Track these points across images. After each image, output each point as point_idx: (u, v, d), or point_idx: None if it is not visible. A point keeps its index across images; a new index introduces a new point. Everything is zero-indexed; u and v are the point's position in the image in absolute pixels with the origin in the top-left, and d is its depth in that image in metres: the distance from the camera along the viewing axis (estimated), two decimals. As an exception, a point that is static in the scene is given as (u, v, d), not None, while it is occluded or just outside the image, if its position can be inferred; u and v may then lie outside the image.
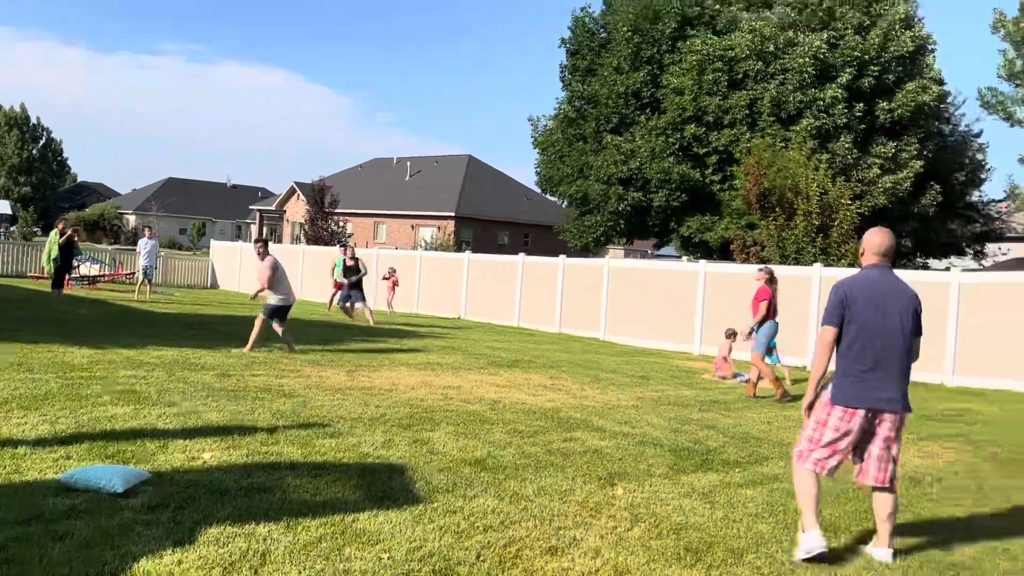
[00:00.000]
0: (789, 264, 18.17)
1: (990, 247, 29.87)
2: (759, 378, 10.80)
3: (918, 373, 14.06)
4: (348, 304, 17.85)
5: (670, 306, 17.82)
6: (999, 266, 28.14)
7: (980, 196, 28.59)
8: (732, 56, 24.62)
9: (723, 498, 5.37)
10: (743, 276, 16.94)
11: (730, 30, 25.63)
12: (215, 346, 11.31)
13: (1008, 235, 29.45)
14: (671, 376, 12.45)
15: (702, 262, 18.45)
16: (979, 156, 27.67)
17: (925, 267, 27.29)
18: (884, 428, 4.35)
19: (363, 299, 17.77)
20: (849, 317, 4.35)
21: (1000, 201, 27.55)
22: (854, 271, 15.53)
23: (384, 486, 4.99)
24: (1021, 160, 20.87)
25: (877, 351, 4.30)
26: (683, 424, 8.01)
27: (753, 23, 24.64)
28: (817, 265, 16.26)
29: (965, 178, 26.98)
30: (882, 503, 4.40)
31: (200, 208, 77.27)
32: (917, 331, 4.41)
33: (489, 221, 47.09)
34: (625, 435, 7.18)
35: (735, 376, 12.46)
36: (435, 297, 23.29)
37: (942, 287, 14.10)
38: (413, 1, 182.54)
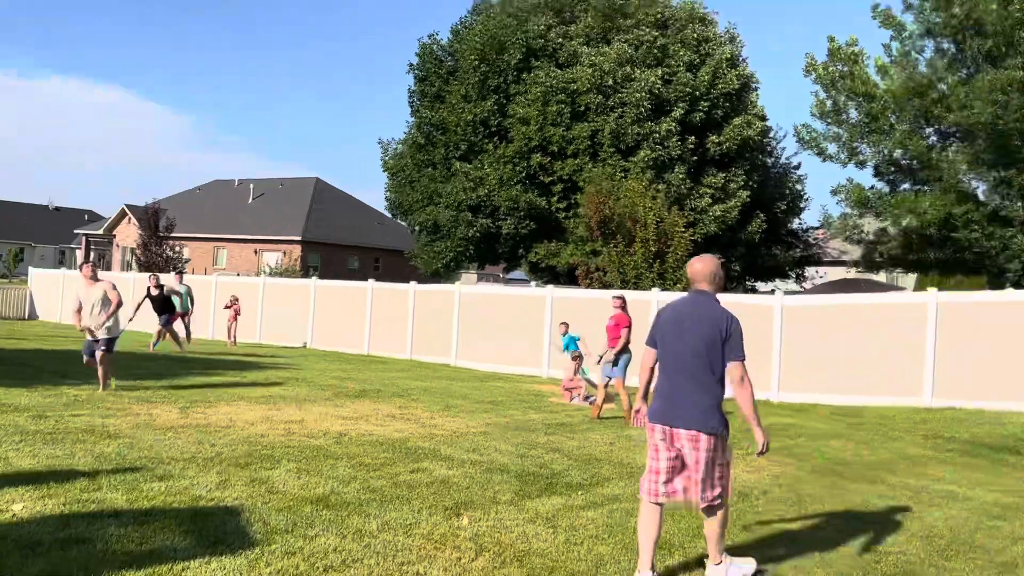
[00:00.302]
0: (630, 288, 18.93)
1: (809, 270, 32.43)
2: (604, 400, 11.14)
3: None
4: (181, 335, 16.94)
5: (520, 331, 18.12)
6: (817, 288, 30.57)
7: (800, 224, 31.00)
8: (574, 89, 25.53)
9: (566, 522, 5.48)
10: (588, 300, 17.49)
11: (572, 63, 26.58)
12: (31, 384, 10.40)
13: (825, 259, 32.05)
14: (520, 400, 12.62)
15: (549, 287, 18.91)
16: (798, 187, 30.04)
17: (753, 290, 29.22)
18: (687, 448, 4.34)
19: (168, 324, 16.67)
20: (659, 339, 4.54)
21: (817, 228, 29.94)
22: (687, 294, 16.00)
23: (218, 530, 4.75)
24: (833, 192, 22.75)
25: (673, 371, 4.42)
26: (530, 449, 8.13)
27: (593, 58, 25.68)
28: (655, 289, 17.05)
29: (786, 207, 29.17)
30: (707, 524, 4.51)
31: (17, 232, 71.20)
32: (729, 355, 4.32)
33: (338, 246, 46.24)
34: (473, 463, 7.19)
35: (585, 399, 12.78)
36: (280, 325, 22.54)
37: (767, 309, 15.14)
38: (259, 21, 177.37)
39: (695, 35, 26.60)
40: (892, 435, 11.13)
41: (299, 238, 44.04)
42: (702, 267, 4.59)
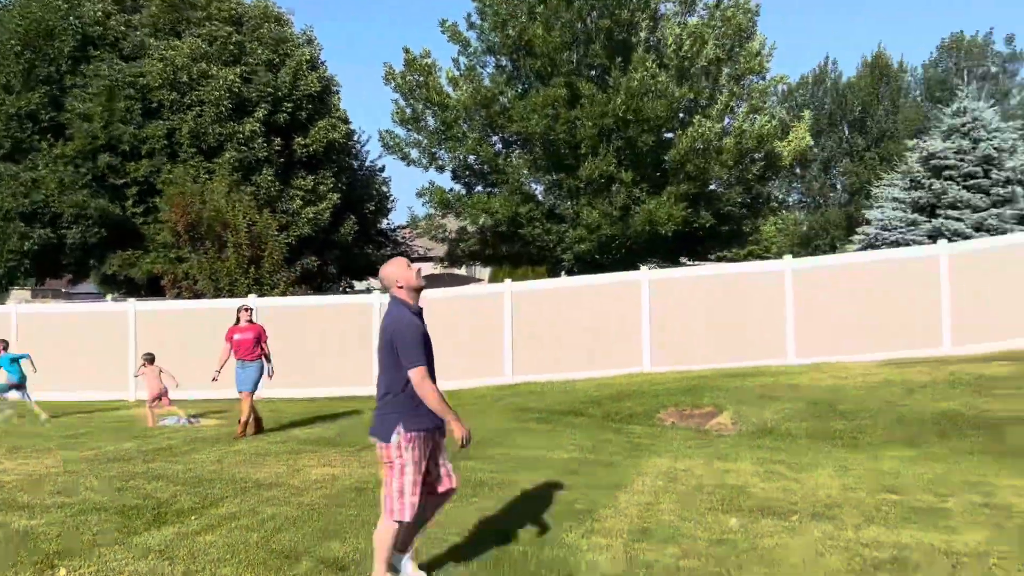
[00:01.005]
0: (224, 296, 18.15)
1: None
2: (250, 416, 10.50)
3: (354, 387, 15.24)
4: None
5: (99, 351, 16.29)
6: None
7: (389, 224, 32.41)
8: (144, 84, 23.55)
9: (182, 551, 5.12)
10: (180, 312, 16.41)
11: (139, 56, 24.44)
12: None
13: (413, 256, 33.93)
14: (108, 429, 11.38)
15: (131, 300, 17.29)
16: (384, 189, 31.36)
17: (350, 288, 29.90)
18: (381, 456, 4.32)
19: None
20: None
21: (405, 227, 31.60)
22: (287, 299, 16.14)
23: None
24: (418, 194, 24.32)
25: (378, 382, 4.39)
26: (128, 480, 7.39)
27: (164, 52, 23.92)
28: (252, 296, 16.59)
29: (375, 208, 30.26)
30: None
31: None
32: (402, 363, 4.19)
33: None
34: (61, 507, 6.32)
35: (184, 421, 11.93)
36: None
37: (366, 307, 15.68)
38: None
39: (272, 35, 26.21)
40: (485, 412, 12.29)
41: None
42: (382, 273, 4.44)
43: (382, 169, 31.72)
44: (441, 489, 4.43)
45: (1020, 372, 11.05)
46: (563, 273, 23.58)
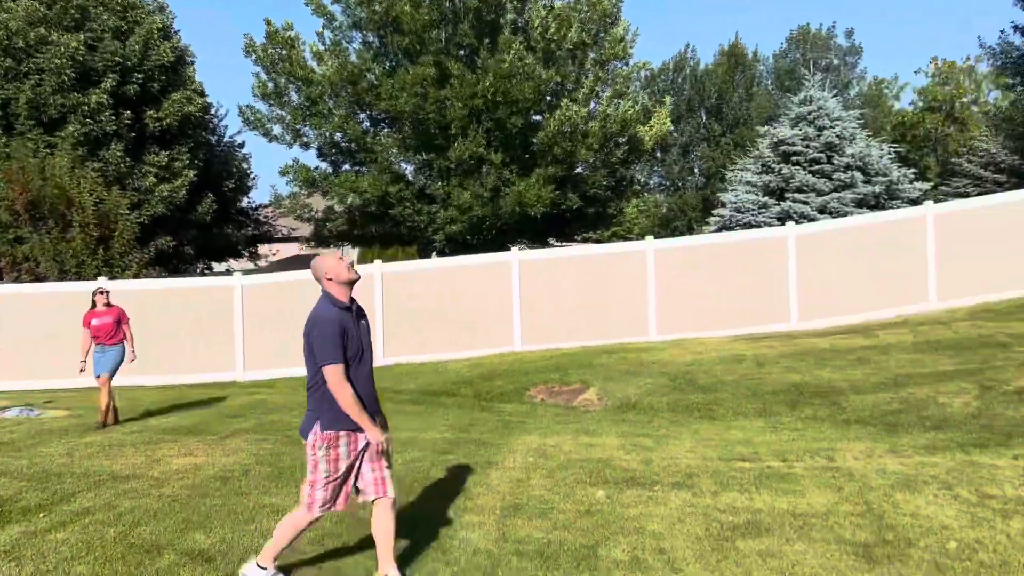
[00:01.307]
0: (71, 280, 17.01)
1: (263, 249, 32.92)
2: (111, 402, 9.87)
3: (215, 373, 14.66)
4: None
5: (-76, 340, 14.90)
6: (273, 266, 31.32)
7: (249, 202, 31.16)
8: (-26, 48, 21.58)
9: (30, 550, 4.80)
10: (19, 297, 15.26)
11: (-32, 17, 22.35)
12: None
13: (276, 237, 32.82)
14: (-63, 424, 10.44)
15: (-38, 285, 15.92)
16: (245, 165, 30.10)
17: (208, 270, 28.62)
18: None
19: None
20: None
21: (267, 206, 30.52)
22: (141, 282, 15.34)
23: None
24: (282, 172, 23.51)
25: None
26: (-36, 479, 6.83)
27: (-3, 14, 21.98)
28: (102, 278, 15.64)
29: (235, 186, 29.01)
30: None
31: None
32: (317, 360, 4.11)
33: None
34: None
35: (24, 412, 11.14)
36: None
37: (227, 290, 15.08)
38: None
39: (119, 0, 24.55)
40: (354, 396, 12.11)
41: None
42: (312, 265, 4.30)
43: (242, 145, 30.38)
44: (368, 497, 4.25)
45: (857, 345, 11.98)
46: (434, 254, 23.51)
